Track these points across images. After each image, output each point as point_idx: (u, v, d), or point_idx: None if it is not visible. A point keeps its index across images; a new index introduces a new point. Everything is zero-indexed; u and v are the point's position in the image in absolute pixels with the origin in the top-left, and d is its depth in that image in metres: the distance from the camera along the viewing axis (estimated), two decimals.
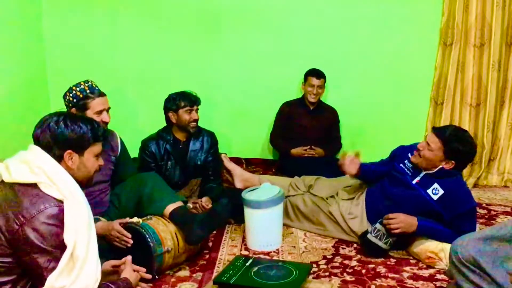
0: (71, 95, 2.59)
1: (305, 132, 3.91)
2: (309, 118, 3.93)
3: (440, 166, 2.54)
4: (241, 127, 4.19)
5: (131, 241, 2.25)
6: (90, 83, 2.62)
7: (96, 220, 2.36)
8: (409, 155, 2.68)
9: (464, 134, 2.58)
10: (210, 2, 3.99)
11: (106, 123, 2.60)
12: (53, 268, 1.53)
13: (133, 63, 4.07)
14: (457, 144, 2.49)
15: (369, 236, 2.53)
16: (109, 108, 2.65)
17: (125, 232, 2.28)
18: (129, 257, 1.93)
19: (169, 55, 4.06)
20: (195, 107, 3.14)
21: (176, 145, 3.18)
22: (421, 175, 2.61)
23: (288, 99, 4.01)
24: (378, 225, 2.53)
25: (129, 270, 1.87)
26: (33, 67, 3.85)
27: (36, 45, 3.89)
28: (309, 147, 3.82)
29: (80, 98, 2.56)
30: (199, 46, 4.05)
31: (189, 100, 3.12)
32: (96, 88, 2.62)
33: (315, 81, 3.85)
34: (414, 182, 2.62)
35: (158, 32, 4.03)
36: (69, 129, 1.68)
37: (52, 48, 3.99)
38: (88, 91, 2.58)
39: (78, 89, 2.58)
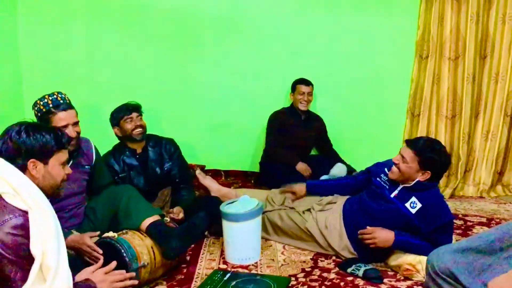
0: (36, 108, 2.52)
1: (297, 142, 3.91)
2: (300, 128, 3.92)
3: (417, 179, 2.55)
4: (220, 139, 4.17)
5: (102, 257, 2.18)
6: (55, 96, 2.50)
7: (68, 233, 2.32)
8: (386, 169, 2.68)
9: (436, 144, 2.59)
10: (190, 14, 3.97)
11: (71, 138, 2.42)
12: (22, 279, 1.51)
13: (112, 75, 4.01)
14: (431, 153, 2.50)
15: (348, 270, 2.52)
16: (76, 122, 2.54)
17: (96, 248, 2.23)
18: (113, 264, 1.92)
19: (148, 67, 4.02)
20: (134, 114, 3.08)
21: (133, 156, 3.15)
22: (399, 188, 2.61)
23: (268, 109, 3.99)
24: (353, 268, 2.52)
25: (100, 273, 1.85)
26: (8, 82, 3.75)
27: (11, 59, 3.81)
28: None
29: (43, 112, 2.47)
30: (179, 58, 4.02)
31: (124, 109, 3.08)
32: (62, 101, 2.50)
33: (304, 88, 3.87)
34: (392, 195, 2.61)
35: (136, 44, 3.98)
36: (31, 138, 1.67)
37: (28, 60, 3.91)
38: (51, 105, 2.47)
39: (42, 102, 2.49)
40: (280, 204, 3.00)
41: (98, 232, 2.34)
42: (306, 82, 3.90)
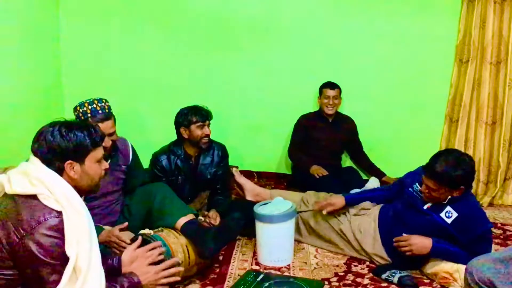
0: (75, 114, 2.54)
1: (324, 145, 3.89)
2: (327, 130, 3.90)
3: (450, 197, 2.46)
4: (254, 140, 4.18)
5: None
6: (94, 106, 2.50)
7: (100, 230, 2.35)
8: (417, 183, 2.58)
9: (455, 158, 2.41)
10: (226, 17, 4.00)
11: (106, 148, 2.44)
12: (55, 281, 1.52)
13: (149, 75, 4.09)
14: (456, 172, 2.36)
15: (383, 276, 2.49)
16: (113, 132, 2.56)
17: (123, 238, 2.25)
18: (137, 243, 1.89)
19: (184, 68, 4.07)
20: (207, 122, 3.05)
21: (187, 161, 3.12)
22: None
23: (302, 112, 3.98)
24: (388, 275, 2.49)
25: (143, 263, 1.80)
26: (49, 76, 3.88)
27: (52, 55, 3.93)
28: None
29: (81, 120, 2.47)
30: (214, 59, 4.06)
31: (200, 115, 3.03)
32: (100, 111, 2.51)
33: (330, 92, 3.84)
34: (425, 207, 2.53)
35: (174, 45, 4.04)
36: (65, 139, 1.63)
37: (68, 58, 4.02)
38: (89, 115, 2.48)
39: (81, 110, 2.51)
40: (314, 206, 2.98)
41: (126, 224, 2.36)
42: (332, 86, 3.85)
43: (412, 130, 4.06)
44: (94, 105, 2.51)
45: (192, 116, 3.02)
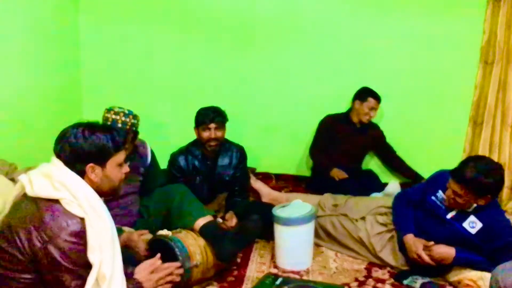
0: (102, 115, 2.56)
1: (347, 149, 3.81)
2: (354, 135, 3.81)
3: (475, 205, 2.39)
4: (272, 142, 4.14)
5: (145, 253, 2.20)
6: (117, 118, 2.49)
7: (120, 232, 2.34)
8: (440, 191, 2.52)
9: (486, 165, 2.35)
10: (244, 17, 3.98)
11: (127, 139, 2.49)
12: (76, 286, 1.51)
13: (167, 76, 4.09)
14: (486, 179, 2.28)
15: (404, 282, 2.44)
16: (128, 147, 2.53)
17: (139, 245, 2.23)
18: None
19: (202, 69, 4.06)
20: (212, 125, 2.93)
21: (205, 161, 3.09)
22: (456, 210, 2.48)
23: (321, 113, 3.92)
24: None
25: (146, 272, 1.83)
26: (68, 76, 3.91)
27: (72, 56, 3.97)
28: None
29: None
30: (232, 60, 4.04)
31: (204, 116, 2.95)
32: (120, 125, 2.48)
33: (375, 104, 3.75)
34: (448, 217, 2.47)
35: (191, 46, 4.04)
36: (88, 142, 1.62)
37: (87, 59, 4.06)
38: (108, 124, 2.48)
39: (105, 115, 2.53)
40: (331, 210, 2.93)
41: (146, 231, 2.34)
42: (379, 98, 3.76)
43: (435, 132, 3.98)
44: (118, 117, 2.50)
45: (199, 116, 2.99)
